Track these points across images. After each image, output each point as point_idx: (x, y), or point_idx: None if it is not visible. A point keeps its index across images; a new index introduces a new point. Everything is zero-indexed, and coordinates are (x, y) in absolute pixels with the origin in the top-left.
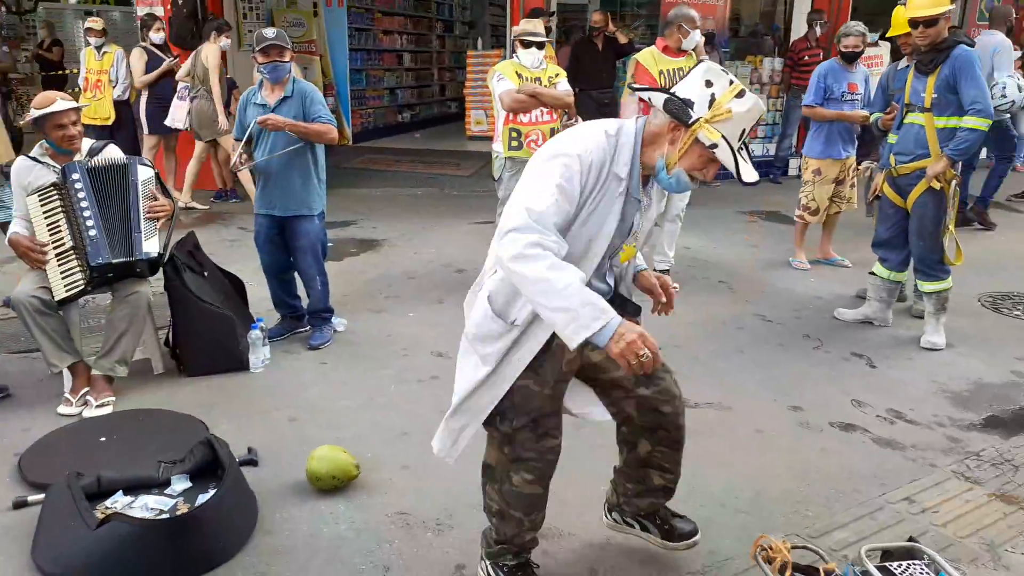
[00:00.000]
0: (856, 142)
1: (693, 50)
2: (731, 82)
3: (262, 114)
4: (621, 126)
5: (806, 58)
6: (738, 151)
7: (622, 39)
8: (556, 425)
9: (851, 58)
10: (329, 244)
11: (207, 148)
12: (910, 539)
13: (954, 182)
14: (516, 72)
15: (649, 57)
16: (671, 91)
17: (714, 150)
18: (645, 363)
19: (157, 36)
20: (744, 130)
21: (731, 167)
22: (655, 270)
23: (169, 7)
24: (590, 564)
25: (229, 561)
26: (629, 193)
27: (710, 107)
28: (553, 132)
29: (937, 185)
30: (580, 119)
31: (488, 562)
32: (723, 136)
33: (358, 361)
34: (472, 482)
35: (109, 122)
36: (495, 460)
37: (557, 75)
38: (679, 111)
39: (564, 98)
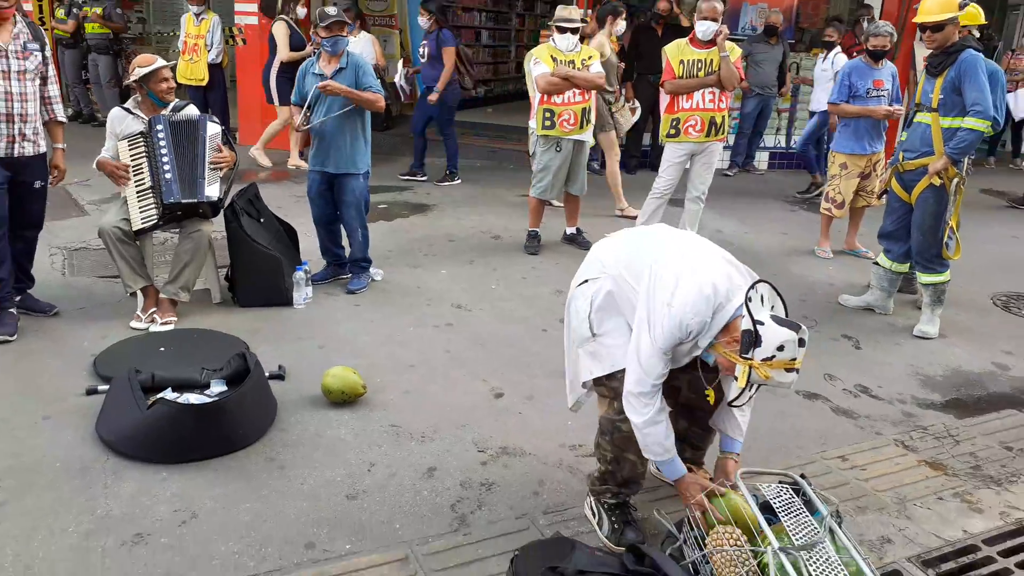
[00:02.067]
0: (884, 137)
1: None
2: (793, 359)
3: (320, 82)
4: (722, 305)
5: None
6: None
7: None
8: None
9: (877, 56)
10: (382, 206)
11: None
12: (801, 475)
13: (956, 180)
14: (551, 56)
15: (675, 48)
16: (757, 320)
17: (736, 376)
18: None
19: (301, 11)
20: (769, 385)
21: (733, 392)
22: None
23: None
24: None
25: (247, 448)
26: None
27: (764, 361)
28: (585, 112)
29: (938, 182)
30: (637, 101)
31: (592, 498)
32: (749, 380)
33: (386, 306)
34: (457, 410)
35: (203, 83)
36: (604, 413)
37: (590, 57)
38: (746, 344)
39: (596, 80)
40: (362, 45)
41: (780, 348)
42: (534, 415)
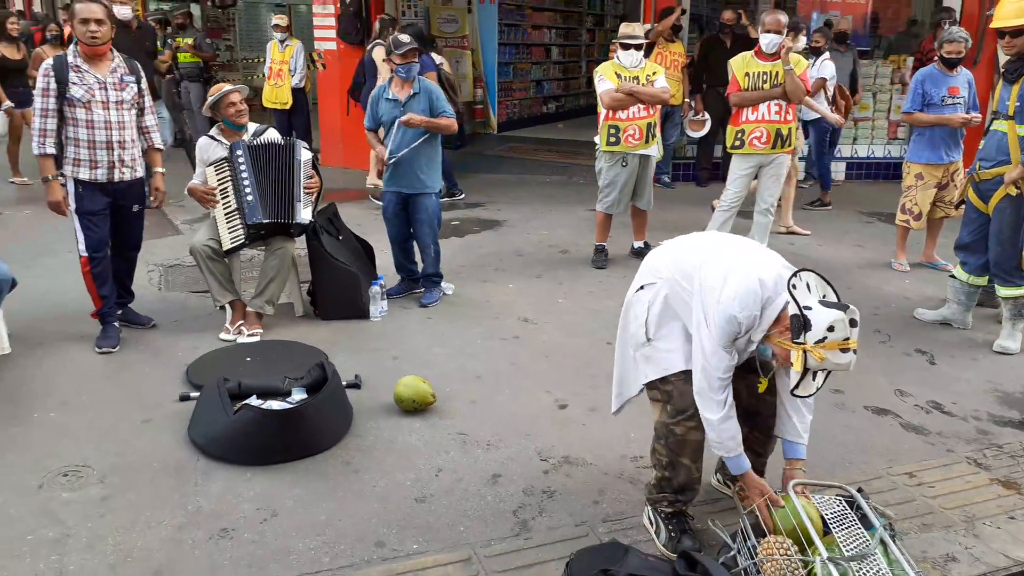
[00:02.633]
0: (961, 146)
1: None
2: (846, 338)
3: (394, 107)
4: (771, 299)
5: (934, 59)
6: (814, 373)
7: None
8: None
9: (952, 63)
10: (454, 223)
11: None
12: (859, 489)
13: None
14: (615, 72)
15: (740, 60)
16: (804, 305)
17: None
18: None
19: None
20: (827, 371)
21: (792, 380)
22: None
23: (337, 5)
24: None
25: (325, 452)
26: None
27: (816, 344)
28: (650, 126)
29: (1015, 191)
30: (707, 113)
31: (650, 507)
32: (805, 365)
33: (457, 319)
34: (522, 420)
35: (287, 106)
36: (658, 418)
37: (655, 73)
38: (796, 329)
39: (661, 95)
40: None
41: (831, 329)
42: (596, 426)
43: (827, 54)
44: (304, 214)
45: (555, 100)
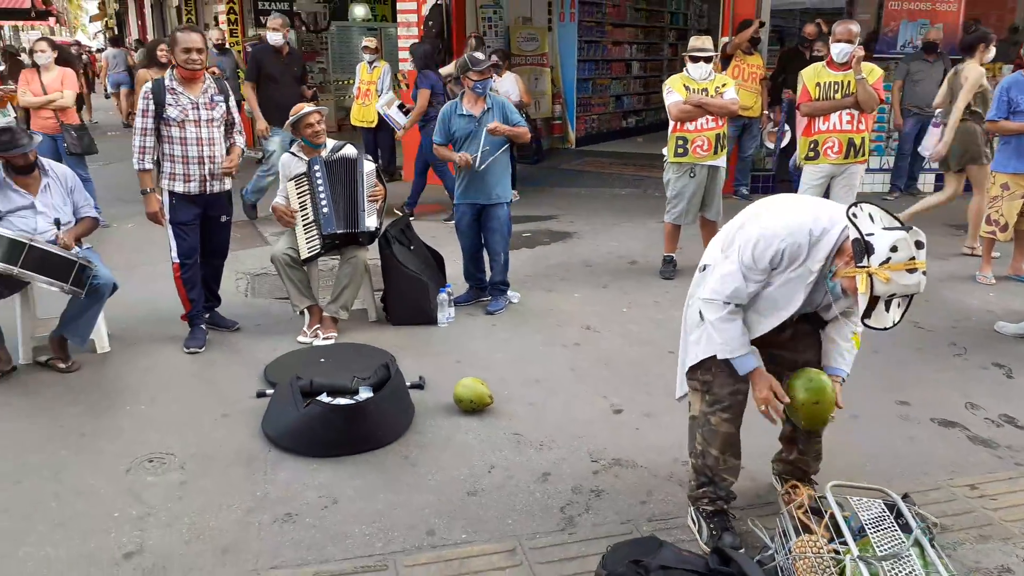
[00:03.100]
0: None
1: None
2: (912, 258)
3: (468, 123)
4: (826, 230)
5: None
6: (887, 301)
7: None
8: (744, 378)
9: None
10: (526, 235)
11: None
12: (905, 495)
13: None
14: (684, 84)
15: (811, 71)
16: (865, 231)
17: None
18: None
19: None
20: (895, 294)
21: (861, 309)
22: None
23: (421, 28)
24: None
25: (386, 446)
26: (819, 282)
27: (880, 265)
28: (719, 137)
29: None
30: (787, 125)
31: (692, 508)
32: (871, 288)
33: (520, 326)
34: (576, 423)
35: (373, 124)
36: (698, 408)
37: (724, 85)
38: (858, 253)
39: (729, 106)
40: (507, 84)
41: (894, 249)
42: (650, 431)
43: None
44: (369, 222)
45: (635, 114)
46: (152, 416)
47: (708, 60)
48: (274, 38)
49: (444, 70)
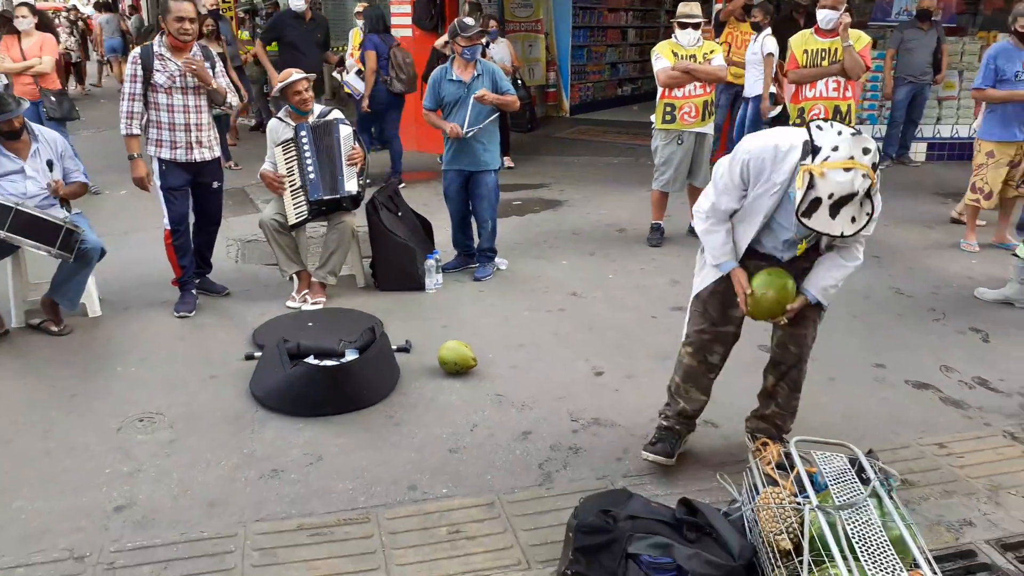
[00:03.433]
0: None
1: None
2: (851, 157)
3: (458, 88)
4: (793, 147)
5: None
6: (832, 205)
7: None
8: (712, 324)
9: None
10: (516, 203)
11: None
12: (869, 451)
13: None
14: (672, 51)
15: (799, 38)
16: (813, 135)
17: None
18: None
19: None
20: (833, 194)
21: (796, 201)
22: None
23: None
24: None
25: (371, 407)
26: (786, 194)
27: (821, 163)
28: (706, 104)
29: None
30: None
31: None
32: (810, 185)
33: (507, 292)
34: (557, 384)
35: None
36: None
37: (712, 51)
38: (803, 154)
39: (717, 72)
40: (500, 50)
41: (835, 148)
42: (630, 392)
43: (768, 29)
44: (349, 186)
45: (631, 82)
46: (142, 377)
47: (696, 27)
48: (296, 3)
49: (438, 42)
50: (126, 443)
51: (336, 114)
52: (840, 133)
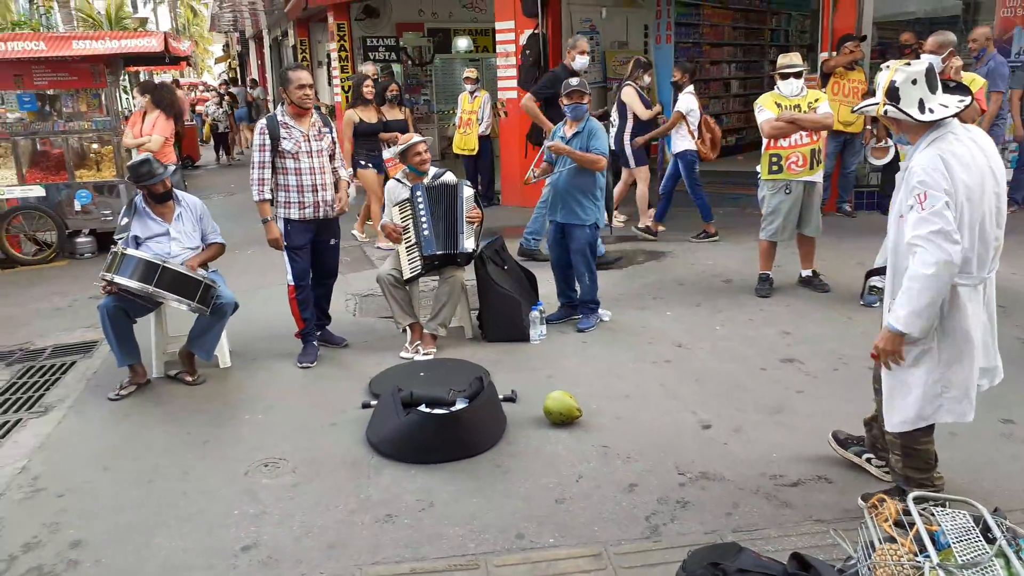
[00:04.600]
0: None
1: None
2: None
3: (550, 143)
4: None
5: None
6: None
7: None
8: None
9: None
10: (619, 260)
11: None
12: (995, 509)
13: None
14: (775, 102)
15: None
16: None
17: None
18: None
19: (647, 79)
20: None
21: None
22: None
23: (519, 57)
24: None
25: (479, 455)
26: None
27: None
28: (814, 153)
29: None
30: (890, 140)
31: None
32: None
33: (611, 343)
34: (664, 437)
35: (474, 152)
36: None
37: (817, 100)
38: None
39: (823, 120)
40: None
41: None
42: (738, 446)
43: (690, 88)
44: (468, 243)
45: (735, 132)
46: (268, 424)
47: (799, 75)
48: (580, 61)
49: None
50: (253, 486)
51: (450, 175)
52: None
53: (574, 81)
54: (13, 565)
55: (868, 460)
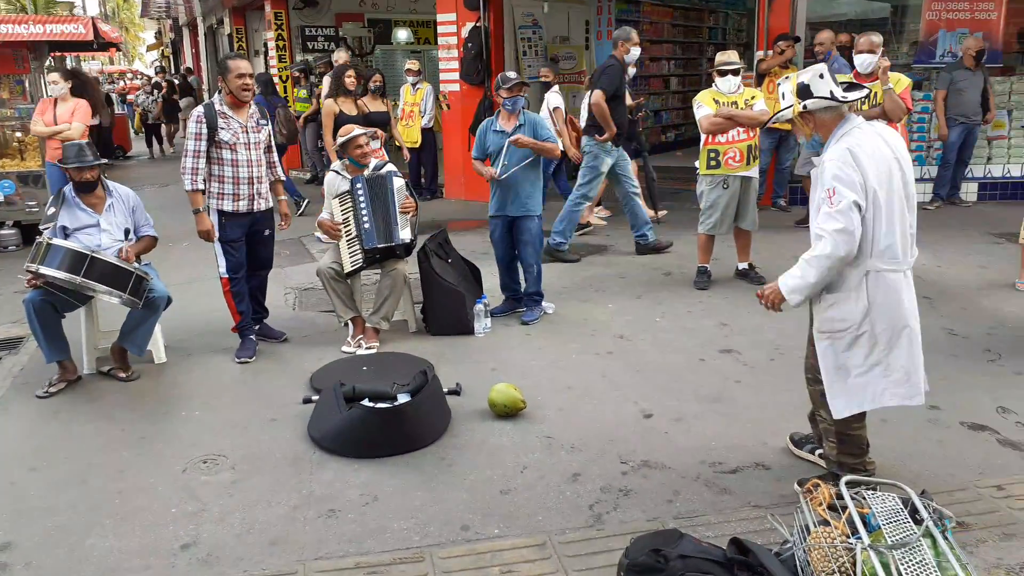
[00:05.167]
0: None
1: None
2: None
3: (501, 139)
4: None
5: None
6: None
7: None
8: None
9: None
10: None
11: None
12: (922, 492)
13: None
14: (713, 99)
15: None
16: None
17: None
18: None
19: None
20: None
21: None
22: None
23: (461, 49)
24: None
25: (423, 448)
26: None
27: None
28: (750, 148)
29: None
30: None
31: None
32: None
33: (555, 335)
34: (606, 427)
35: (416, 144)
36: None
37: (753, 97)
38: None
39: (759, 116)
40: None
41: None
42: (679, 434)
43: (556, 87)
44: (403, 234)
45: (674, 128)
46: (205, 421)
47: (736, 72)
48: (633, 53)
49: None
50: (191, 483)
51: (390, 167)
52: None
53: (512, 74)
54: None
55: (821, 456)
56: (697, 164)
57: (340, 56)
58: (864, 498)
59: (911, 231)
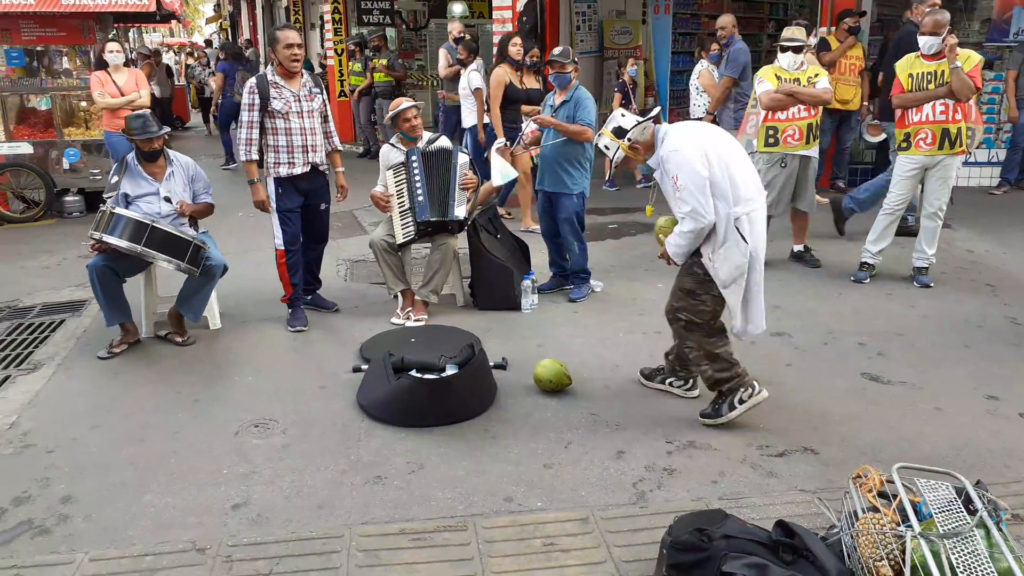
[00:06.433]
0: None
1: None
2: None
3: (550, 112)
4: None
5: None
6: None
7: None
8: None
9: None
10: (612, 226)
11: None
12: (977, 482)
13: None
14: (775, 75)
15: (905, 62)
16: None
17: None
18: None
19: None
20: None
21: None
22: (913, 267)
23: (516, 24)
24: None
25: (469, 420)
26: None
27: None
28: (811, 127)
29: None
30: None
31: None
32: None
33: (602, 313)
34: (652, 406)
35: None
36: None
37: (817, 75)
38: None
39: (822, 95)
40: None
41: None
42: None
43: (474, 64)
44: (459, 211)
45: None
46: (258, 386)
47: (799, 50)
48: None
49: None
50: (243, 446)
51: (444, 141)
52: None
53: (556, 51)
54: (3, 518)
55: (670, 384)
56: (754, 143)
57: (453, 28)
58: (916, 486)
59: (755, 173)
